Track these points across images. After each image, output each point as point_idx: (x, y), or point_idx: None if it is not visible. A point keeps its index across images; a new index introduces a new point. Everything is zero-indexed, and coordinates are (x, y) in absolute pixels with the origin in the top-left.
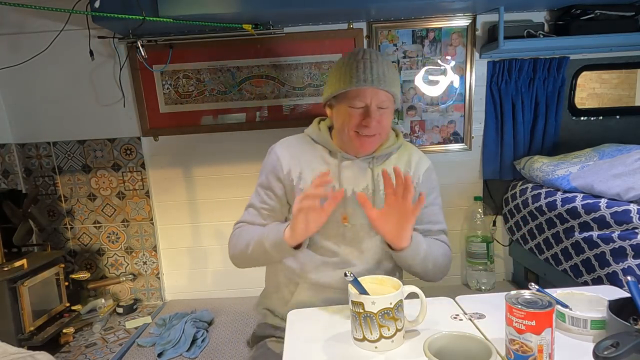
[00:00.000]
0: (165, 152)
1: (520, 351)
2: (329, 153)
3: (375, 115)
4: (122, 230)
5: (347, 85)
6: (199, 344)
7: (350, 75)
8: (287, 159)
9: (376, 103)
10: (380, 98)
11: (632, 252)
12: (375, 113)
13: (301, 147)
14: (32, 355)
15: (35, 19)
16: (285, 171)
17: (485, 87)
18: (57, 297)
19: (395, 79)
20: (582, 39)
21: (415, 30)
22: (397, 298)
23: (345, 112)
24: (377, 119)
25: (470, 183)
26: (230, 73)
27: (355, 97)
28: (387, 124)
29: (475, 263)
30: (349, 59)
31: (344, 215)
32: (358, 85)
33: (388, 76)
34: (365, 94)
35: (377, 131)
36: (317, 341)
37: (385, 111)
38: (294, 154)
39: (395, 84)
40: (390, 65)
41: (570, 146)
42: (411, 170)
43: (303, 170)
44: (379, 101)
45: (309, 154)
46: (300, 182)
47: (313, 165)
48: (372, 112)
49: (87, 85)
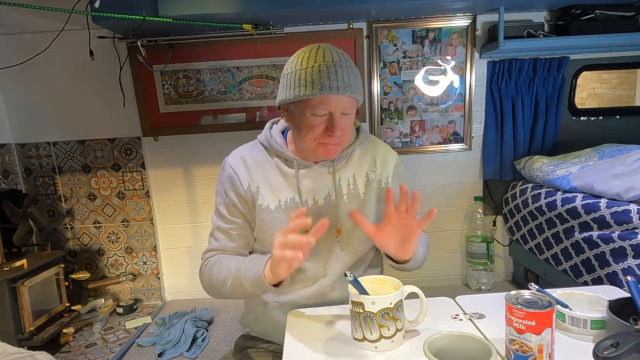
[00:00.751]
0: (165, 152)
1: (520, 351)
2: (284, 161)
3: (340, 123)
4: (122, 230)
5: (311, 92)
6: (199, 344)
7: (313, 81)
8: (244, 173)
9: (340, 110)
10: (345, 105)
11: (632, 252)
12: (340, 121)
13: (255, 158)
14: (32, 355)
15: (35, 19)
16: (245, 186)
17: (485, 87)
18: (57, 297)
19: (359, 82)
20: (582, 39)
21: (415, 30)
22: (397, 298)
23: (306, 120)
24: (341, 127)
25: (470, 183)
26: (230, 73)
27: (319, 105)
28: (350, 131)
29: (475, 263)
30: (309, 60)
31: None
32: (323, 93)
33: (353, 80)
34: (330, 102)
35: (342, 140)
36: (317, 341)
37: (349, 117)
38: (249, 167)
39: (359, 88)
40: (353, 67)
41: (570, 146)
42: (377, 170)
43: (260, 185)
44: (343, 108)
45: (263, 165)
46: (259, 197)
47: (269, 177)
48: (337, 120)
49: (87, 85)
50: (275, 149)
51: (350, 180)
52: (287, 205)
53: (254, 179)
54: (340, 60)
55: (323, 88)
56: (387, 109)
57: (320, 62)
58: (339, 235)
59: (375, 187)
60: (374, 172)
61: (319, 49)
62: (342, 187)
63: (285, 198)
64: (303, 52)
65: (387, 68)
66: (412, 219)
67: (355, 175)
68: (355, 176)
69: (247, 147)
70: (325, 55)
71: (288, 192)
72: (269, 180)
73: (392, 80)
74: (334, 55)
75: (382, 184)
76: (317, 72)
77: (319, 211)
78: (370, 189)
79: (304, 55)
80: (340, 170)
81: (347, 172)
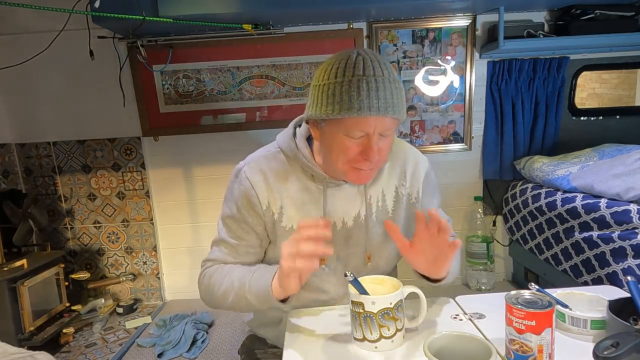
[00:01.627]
0: (165, 152)
1: (520, 351)
2: (310, 177)
3: (378, 146)
4: (122, 230)
5: (347, 112)
6: (198, 345)
7: (350, 98)
8: (264, 190)
9: (380, 132)
10: (386, 126)
11: (632, 252)
12: (378, 144)
13: (276, 171)
14: (32, 355)
15: (35, 19)
16: (264, 206)
17: (485, 87)
18: (57, 297)
19: (403, 98)
20: (582, 39)
21: (415, 30)
22: (397, 298)
23: (339, 141)
24: (378, 150)
25: (470, 183)
26: (230, 73)
27: (355, 126)
28: (389, 150)
29: (475, 263)
30: (346, 71)
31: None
32: (361, 114)
33: (396, 98)
34: (369, 124)
35: (377, 165)
36: (317, 341)
37: (390, 139)
38: (270, 184)
39: (403, 105)
40: (397, 81)
41: (570, 146)
42: (406, 184)
43: (284, 205)
44: (384, 130)
45: (287, 181)
46: (283, 218)
47: (293, 195)
48: (374, 144)
49: (87, 85)
50: (302, 162)
51: (379, 197)
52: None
53: (276, 198)
54: (382, 73)
55: (361, 108)
56: None
57: (359, 75)
58: (369, 262)
59: (404, 202)
60: (403, 186)
61: (357, 57)
62: (372, 205)
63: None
64: (338, 60)
65: None
66: (444, 241)
67: (385, 190)
68: (384, 192)
69: (268, 157)
70: (365, 67)
71: (315, 211)
72: (293, 198)
73: None
74: (376, 66)
75: (412, 199)
76: (356, 88)
77: (348, 234)
78: (399, 205)
79: (339, 65)
80: (370, 187)
81: (377, 189)
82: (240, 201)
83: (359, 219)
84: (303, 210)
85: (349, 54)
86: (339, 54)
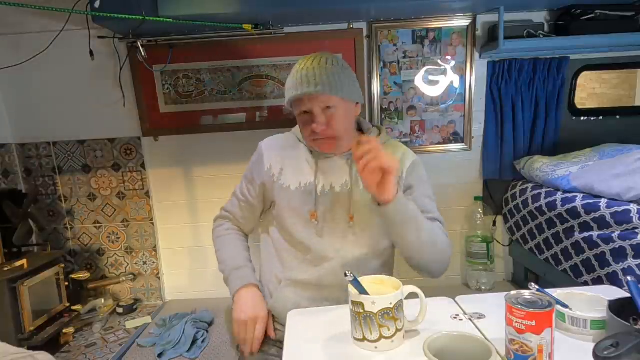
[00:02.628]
0: (165, 152)
1: (520, 351)
2: (311, 153)
3: (321, 118)
4: (122, 230)
5: (292, 94)
6: (199, 345)
7: (295, 84)
8: (271, 155)
9: (319, 106)
10: (322, 101)
11: (632, 252)
12: (321, 116)
13: (286, 145)
14: (32, 355)
15: (35, 19)
16: (266, 167)
17: (485, 87)
18: (57, 297)
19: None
20: (582, 39)
21: (415, 30)
22: (397, 298)
23: (299, 119)
24: (324, 121)
25: (470, 183)
26: (230, 73)
27: (300, 104)
28: (340, 123)
29: (475, 263)
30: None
31: (312, 212)
32: (296, 93)
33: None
34: (304, 100)
35: (328, 134)
36: (317, 341)
37: (333, 110)
38: (278, 151)
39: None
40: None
41: (570, 146)
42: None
43: (285, 167)
44: (321, 104)
45: (292, 152)
46: (281, 178)
47: (295, 163)
48: (317, 117)
49: (87, 85)
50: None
51: None
52: (305, 187)
53: (279, 161)
54: (325, 63)
55: (297, 89)
56: (387, 109)
57: (307, 66)
58: (351, 221)
59: None
60: None
61: (311, 57)
62: (359, 178)
63: (305, 181)
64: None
65: (387, 68)
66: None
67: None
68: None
69: (284, 135)
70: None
71: (309, 176)
72: (294, 164)
73: (392, 80)
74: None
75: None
76: (297, 76)
77: (335, 197)
78: None
79: (297, 64)
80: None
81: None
82: (253, 160)
83: (346, 187)
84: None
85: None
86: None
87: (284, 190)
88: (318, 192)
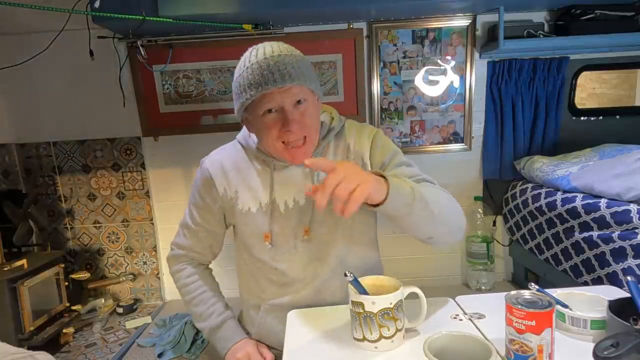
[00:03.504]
0: (165, 152)
1: (520, 351)
2: (262, 162)
3: (294, 115)
4: (122, 230)
5: (252, 94)
6: (198, 345)
7: (251, 82)
8: (220, 177)
9: (289, 101)
10: (292, 93)
11: (632, 252)
12: (293, 113)
13: (233, 160)
14: (32, 355)
15: (35, 19)
16: (220, 192)
17: (485, 87)
18: (57, 297)
19: (304, 67)
20: (582, 39)
21: (415, 30)
22: (397, 298)
23: (262, 123)
24: (298, 119)
25: (470, 183)
26: (230, 73)
27: (265, 102)
28: (312, 121)
29: (475, 263)
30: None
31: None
32: (262, 90)
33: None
34: (273, 95)
35: (302, 133)
36: (317, 341)
37: (304, 106)
38: (226, 172)
39: (304, 73)
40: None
41: (570, 146)
42: (351, 155)
43: (239, 189)
44: (292, 98)
45: (242, 167)
46: (238, 202)
47: (247, 179)
48: (289, 113)
49: (87, 85)
50: (252, 149)
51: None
52: (267, 207)
53: (232, 184)
54: (273, 51)
55: (261, 84)
56: (387, 109)
57: (253, 61)
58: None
59: None
60: (348, 158)
61: (252, 49)
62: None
63: (265, 200)
64: (243, 56)
65: (387, 68)
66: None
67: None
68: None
69: (227, 147)
70: (258, 53)
71: (264, 194)
72: (248, 182)
73: (392, 80)
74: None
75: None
76: (252, 71)
77: (301, 211)
78: None
79: (241, 61)
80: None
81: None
82: (201, 187)
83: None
84: (256, 192)
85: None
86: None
87: (245, 214)
88: (282, 210)
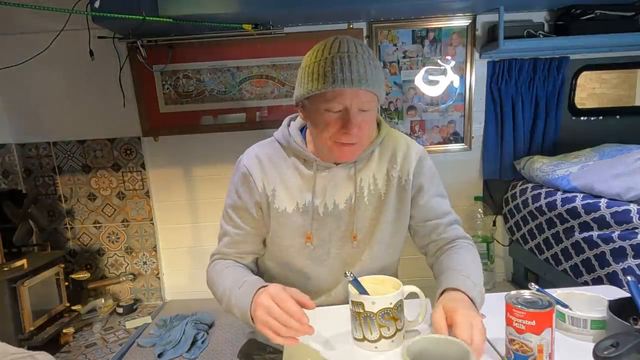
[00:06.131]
0: (165, 152)
1: (520, 351)
2: (302, 162)
3: (356, 120)
4: (122, 230)
5: (323, 86)
6: (198, 345)
7: (325, 73)
8: (259, 173)
9: (357, 105)
10: (362, 99)
11: (632, 252)
12: (356, 118)
13: (271, 157)
14: (32, 355)
15: (35, 19)
16: (259, 188)
17: (485, 87)
18: (57, 297)
19: (380, 75)
20: (582, 39)
21: (415, 30)
22: (397, 298)
23: (321, 117)
24: (358, 124)
25: (470, 183)
26: (230, 73)
27: (333, 99)
28: (369, 130)
29: None
30: (324, 52)
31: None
32: (335, 86)
33: (371, 73)
34: (344, 96)
35: (358, 139)
36: (317, 341)
37: (367, 114)
38: (264, 167)
39: (379, 82)
40: (373, 59)
41: (570, 146)
42: (397, 166)
43: (276, 187)
44: (360, 103)
45: (280, 165)
46: (275, 200)
47: (286, 179)
48: (353, 117)
49: (87, 85)
50: (293, 148)
51: (371, 181)
52: (305, 208)
53: (270, 181)
54: (357, 51)
55: (335, 81)
56: (387, 109)
57: (334, 53)
58: (355, 241)
59: (395, 185)
60: (394, 169)
61: (334, 40)
62: (364, 189)
63: (303, 201)
64: (320, 44)
65: (387, 68)
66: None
67: (376, 174)
68: (375, 175)
69: (264, 144)
70: (340, 46)
71: (306, 194)
72: (286, 181)
73: (392, 80)
74: (350, 45)
75: (402, 181)
76: (330, 64)
77: (339, 215)
78: (390, 187)
79: (319, 48)
80: (362, 171)
81: (368, 173)
82: (239, 185)
83: (350, 201)
84: (294, 192)
85: (327, 39)
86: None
87: (280, 214)
88: (320, 213)
